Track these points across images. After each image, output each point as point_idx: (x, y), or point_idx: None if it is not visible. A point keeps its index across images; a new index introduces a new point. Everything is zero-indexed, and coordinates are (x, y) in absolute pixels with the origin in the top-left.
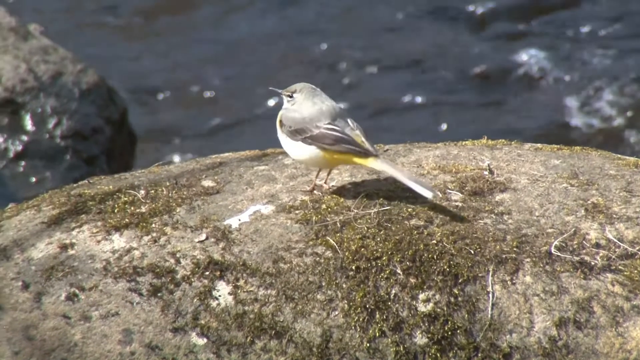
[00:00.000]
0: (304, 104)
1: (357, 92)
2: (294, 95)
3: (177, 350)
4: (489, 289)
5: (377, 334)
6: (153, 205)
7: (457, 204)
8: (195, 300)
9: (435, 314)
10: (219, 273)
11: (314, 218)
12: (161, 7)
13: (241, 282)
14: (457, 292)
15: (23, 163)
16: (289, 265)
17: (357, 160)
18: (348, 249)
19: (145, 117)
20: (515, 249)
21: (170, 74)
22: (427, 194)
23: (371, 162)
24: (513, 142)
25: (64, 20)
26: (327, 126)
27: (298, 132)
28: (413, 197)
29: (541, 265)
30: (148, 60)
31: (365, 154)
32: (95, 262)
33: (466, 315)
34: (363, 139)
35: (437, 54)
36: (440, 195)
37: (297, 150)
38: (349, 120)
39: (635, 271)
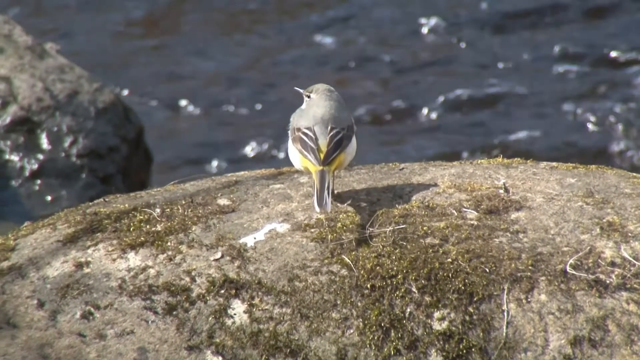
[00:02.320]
0: (309, 106)
1: (373, 109)
2: (311, 95)
3: None
4: (504, 307)
5: (392, 352)
6: (169, 224)
7: (472, 222)
8: (210, 318)
9: (450, 333)
10: (234, 291)
11: (329, 236)
12: (179, 27)
13: (256, 301)
14: (472, 311)
15: (39, 181)
16: (304, 283)
17: (310, 167)
18: (363, 267)
19: (161, 135)
20: (530, 267)
21: (186, 92)
22: (316, 208)
23: (315, 170)
24: (528, 161)
25: (80, 39)
26: (303, 130)
27: (291, 132)
28: (428, 216)
29: (556, 284)
30: (164, 79)
31: (317, 164)
32: (110, 281)
33: (481, 334)
34: (327, 149)
35: (450, 72)
36: (326, 213)
37: (289, 149)
38: (329, 127)
39: None
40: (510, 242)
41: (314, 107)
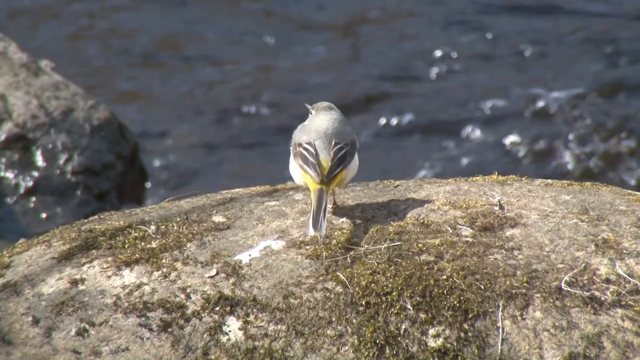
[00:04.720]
0: (311, 121)
1: (370, 126)
2: (312, 112)
3: None
4: (499, 324)
5: None
6: (163, 241)
7: (467, 239)
8: (205, 335)
9: (445, 349)
10: (229, 308)
11: (324, 253)
12: (173, 43)
13: (251, 318)
14: (467, 328)
15: (34, 199)
16: (299, 300)
17: (310, 183)
18: (358, 284)
19: (156, 152)
20: (525, 284)
21: (181, 109)
22: (310, 231)
23: (314, 189)
24: (523, 178)
25: (75, 57)
26: (304, 145)
27: (292, 148)
28: (423, 233)
29: (551, 301)
30: (159, 95)
31: (318, 180)
32: (105, 298)
33: (476, 351)
34: (330, 165)
35: (448, 89)
36: (321, 238)
37: (291, 164)
38: (333, 143)
39: None
40: (505, 259)
41: (317, 122)
